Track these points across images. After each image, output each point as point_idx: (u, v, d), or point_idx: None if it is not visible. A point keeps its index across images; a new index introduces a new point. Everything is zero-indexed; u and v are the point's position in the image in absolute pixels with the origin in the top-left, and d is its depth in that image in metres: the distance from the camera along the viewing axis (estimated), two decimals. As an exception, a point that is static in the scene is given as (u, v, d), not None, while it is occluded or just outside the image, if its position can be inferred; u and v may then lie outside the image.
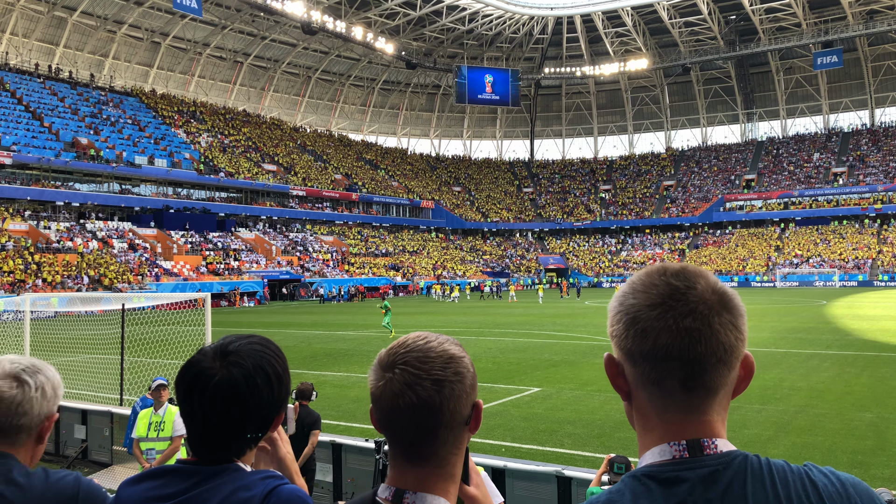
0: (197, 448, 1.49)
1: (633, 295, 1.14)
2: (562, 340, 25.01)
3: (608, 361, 1.18)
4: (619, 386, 1.18)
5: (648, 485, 1.07)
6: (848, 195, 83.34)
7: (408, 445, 1.26)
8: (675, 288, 1.11)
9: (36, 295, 27.47)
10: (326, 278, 66.29)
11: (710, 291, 1.11)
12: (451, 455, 1.29)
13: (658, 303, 1.10)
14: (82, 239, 55.60)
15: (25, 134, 60.29)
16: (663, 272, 1.14)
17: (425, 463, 1.27)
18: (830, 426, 11.42)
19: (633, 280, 1.17)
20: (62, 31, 76.40)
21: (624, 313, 1.13)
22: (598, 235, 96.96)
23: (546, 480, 6.71)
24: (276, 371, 1.51)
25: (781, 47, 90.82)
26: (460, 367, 1.28)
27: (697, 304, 1.09)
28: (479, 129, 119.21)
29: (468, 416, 1.29)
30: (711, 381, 1.10)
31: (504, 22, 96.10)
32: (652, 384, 1.12)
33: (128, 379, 13.76)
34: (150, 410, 7.38)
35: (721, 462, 1.08)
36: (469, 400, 1.29)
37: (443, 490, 1.28)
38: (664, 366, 1.09)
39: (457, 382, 1.26)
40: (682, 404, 1.11)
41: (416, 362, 1.25)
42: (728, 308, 1.11)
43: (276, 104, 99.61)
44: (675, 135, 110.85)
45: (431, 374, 1.24)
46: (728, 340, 1.09)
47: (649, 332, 1.09)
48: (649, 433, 1.14)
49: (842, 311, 36.84)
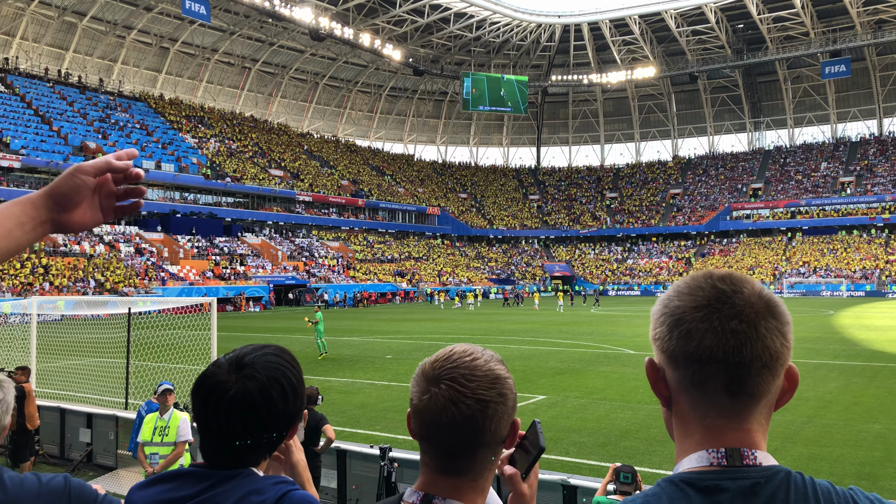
0: (210, 457, 1.49)
1: (678, 297, 1.13)
2: (567, 348, 24.94)
3: (649, 366, 1.17)
4: (659, 391, 1.16)
5: (687, 491, 1.06)
6: (855, 205, 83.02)
7: (444, 458, 1.27)
8: (722, 291, 1.10)
9: (43, 298, 27.56)
10: (332, 284, 66.34)
11: (756, 296, 1.10)
12: (485, 470, 1.30)
13: (703, 305, 1.09)
14: (89, 243, 55.80)
15: (34, 138, 60.64)
16: (709, 276, 1.13)
17: (459, 476, 1.28)
18: (838, 437, 11.34)
19: (678, 284, 1.16)
20: (72, 35, 76.89)
21: (668, 315, 1.12)
22: (604, 243, 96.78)
23: (551, 489, 6.68)
24: (292, 383, 1.51)
25: (789, 56, 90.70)
26: (504, 389, 1.28)
27: (744, 308, 1.08)
28: (485, 135, 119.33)
29: (506, 435, 1.30)
30: (755, 386, 1.08)
31: (511, 29, 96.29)
32: (694, 387, 1.10)
33: (133, 383, 13.78)
34: (155, 415, 7.38)
35: (763, 475, 1.06)
36: (509, 420, 1.30)
37: (471, 501, 1.28)
38: (708, 368, 1.07)
39: (500, 403, 1.26)
40: (723, 409, 1.09)
41: (462, 379, 1.25)
42: (774, 314, 1.10)
43: (284, 110, 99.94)
44: (682, 143, 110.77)
45: (476, 393, 1.24)
46: (774, 346, 1.08)
47: (694, 334, 1.08)
48: (688, 439, 1.12)
49: (849, 321, 36.64)
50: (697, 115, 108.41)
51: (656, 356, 1.16)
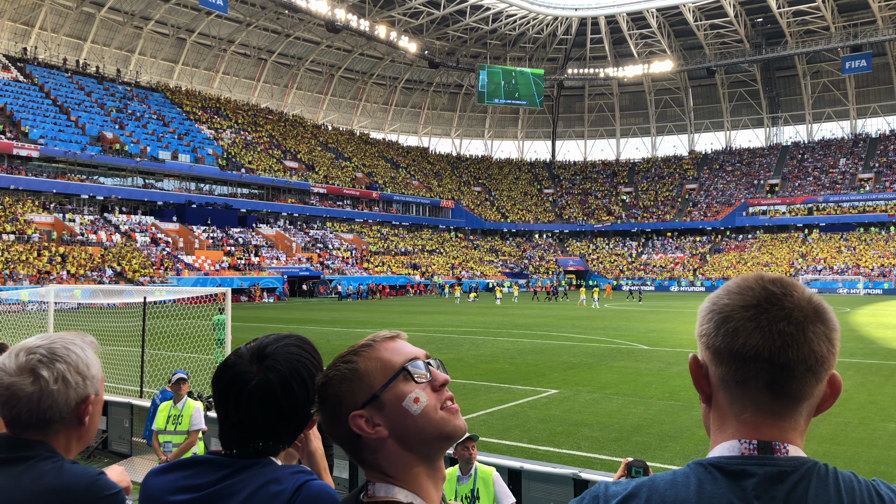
0: (229, 445, 1.49)
1: (728, 296, 1.13)
2: (580, 343, 24.88)
3: (693, 362, 1.17)
4: (701, 387, 1.17)
5: (714, 474, 1.07)
6: (874, 202, 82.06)
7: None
8: (772, 293, 1.10)
9: (60, 286, 27.84)
10: (346, 276, 66.53)
11: (805, 301, 1.10)
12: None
13: (753, 304, 1.10)
14: (106, 232, 56.27)
15: (53, 128, 61.14)
16: (760, 278, 1.13)
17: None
18: (853, 435, 11.25)
19: (728, 284, 1.16)
20: (90, 26, 77.36)
21: (716, 312, 1.12)
22: (619, 238, 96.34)
23: (563, 483, 6.67)
24: (312, 374, 1.50)
25: (809, 51, 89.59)
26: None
27: (793, 311, 1.08)
28: (500, 129, 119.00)
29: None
30: (798, 388, 1.09)
31: (528, 22, 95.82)
32: (736, 384, 1.11)
33: (147, 371, 13.90)
34: (169, 403, 7.44)
35: (791, 465, 1.07)
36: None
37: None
38: (752, 366, 1.08)
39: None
40: (762, 406, 1.10)
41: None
42: (823, 319, 1.10)
43: (299, 101, 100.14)
44: (699, 138, 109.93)
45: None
46: (820, 350, 1.08)
47: (741, 331, 1.08)
48: (723, 433, 1.13)
49: (866, 318, 36.29)
50: (714, 110, 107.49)
51: (700, 353, 1.16)
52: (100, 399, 1.77)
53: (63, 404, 1.67)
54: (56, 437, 1.69)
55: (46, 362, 1.67)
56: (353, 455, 1.28)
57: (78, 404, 1.69)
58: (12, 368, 1.66)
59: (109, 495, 1.62)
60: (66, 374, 1.67)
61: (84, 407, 1.71)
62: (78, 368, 1.70)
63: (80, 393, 1.69)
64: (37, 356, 1.67)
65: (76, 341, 1.75)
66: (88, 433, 1.76)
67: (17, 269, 45.32)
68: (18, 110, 60.95)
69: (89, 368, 1.72)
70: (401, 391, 1.24)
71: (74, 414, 1.69)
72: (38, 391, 1.64)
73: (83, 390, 1.70)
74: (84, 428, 1.73)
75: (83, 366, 1.71)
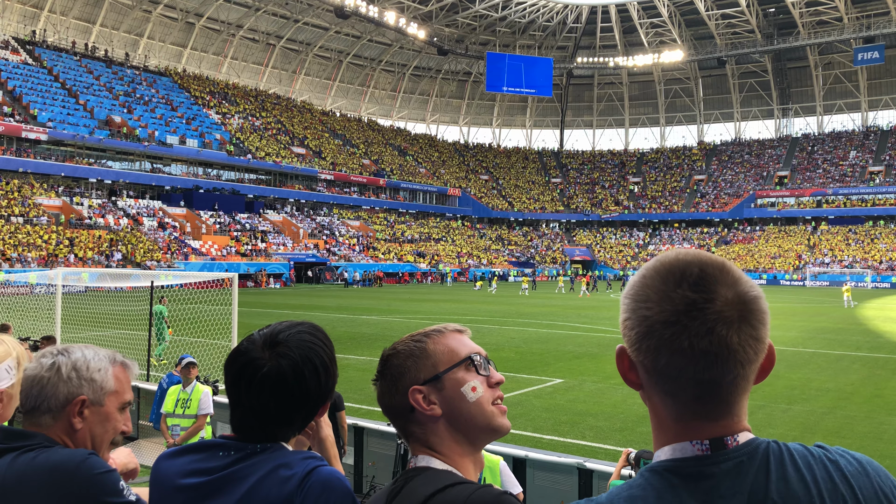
0: (241, 430, 1.50)
1: (647, 306, 1.06)
2: (586, 333, 24.89)
3: (620, 354, 1.13)
4: (630, 380, 1.14)
5: (671, 480, 1.04)
6: (884, 195, 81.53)
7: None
8: (692, 302, 1.03)
9: (68, 270, 27.98)
10: (352, 263, 66.63)
11: (731, 302, 1.04)
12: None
13: (673, 321, 1.03)
14: (114, 216, 56.46)
15: (61, 111, 61.24)
16: (680, 282, 1.05)
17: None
18: (859, 429, 11.23)
19: (647, 283, 1.08)
20: (99, 9, 77.27)
21: (637, 322, 1.07)
22: (626, 228, 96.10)
23: (567, 472, 6.68)
24: (324, 361, 1.53)
25: (821, 42, 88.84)
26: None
27: (716, 323, 1.02)
28: (508, 117, 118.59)
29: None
30: (728, 395, 1.06)
31: (538, 10, 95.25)
32: (665, 394, 1.08)
33: (154, 355, 13.98)
34: (178, 387, 7.48)
35: (745, 453, 1.05)
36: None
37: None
38: (678, 383, 1.05)
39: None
40: (697, 413, 1.07)
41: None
42: (749, 321, 1.04)
43: (307, 87, 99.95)
44: (708, 128, 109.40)
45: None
46: (746, 357, 1.04)
47: (662, 351, 1.04)
48: (664, 433, 1.11)
49: (873, 312, 36.16)
50: (724, 101, 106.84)
51: (627, 350, 1.12)
52: (104, 412, 1.77)
53: (52, 395, 1.71)
54: (50, 431, 1.72)
55: (54, 355, 1.76)
56: (400, 427, 1.38)
57: (68, 401, 1.72)
58: (34, 360, 1.78)
59: (100, 473, 1.64)
60: (62, 366, 1.73)
61: (74, 408, 1.72)
62: (76, 365, 1.75)
63: (71, 389, 1.72)
64: (52, 350, 1.78)
65: (96, 350, 1.81)
66: (85, 444, 1.75)
67: (25, 252, 45.56)
68: (27, 93, 61.05)
69: (89, 370, 1.76)
70: (462, 378, 1.35)
71: (65, 412, 1.72)
72: (34, 376, 1.73)
73: (75, 388, 1.73)
74: (77, 435, 1.74)
75: (82, 365, 1.76)
